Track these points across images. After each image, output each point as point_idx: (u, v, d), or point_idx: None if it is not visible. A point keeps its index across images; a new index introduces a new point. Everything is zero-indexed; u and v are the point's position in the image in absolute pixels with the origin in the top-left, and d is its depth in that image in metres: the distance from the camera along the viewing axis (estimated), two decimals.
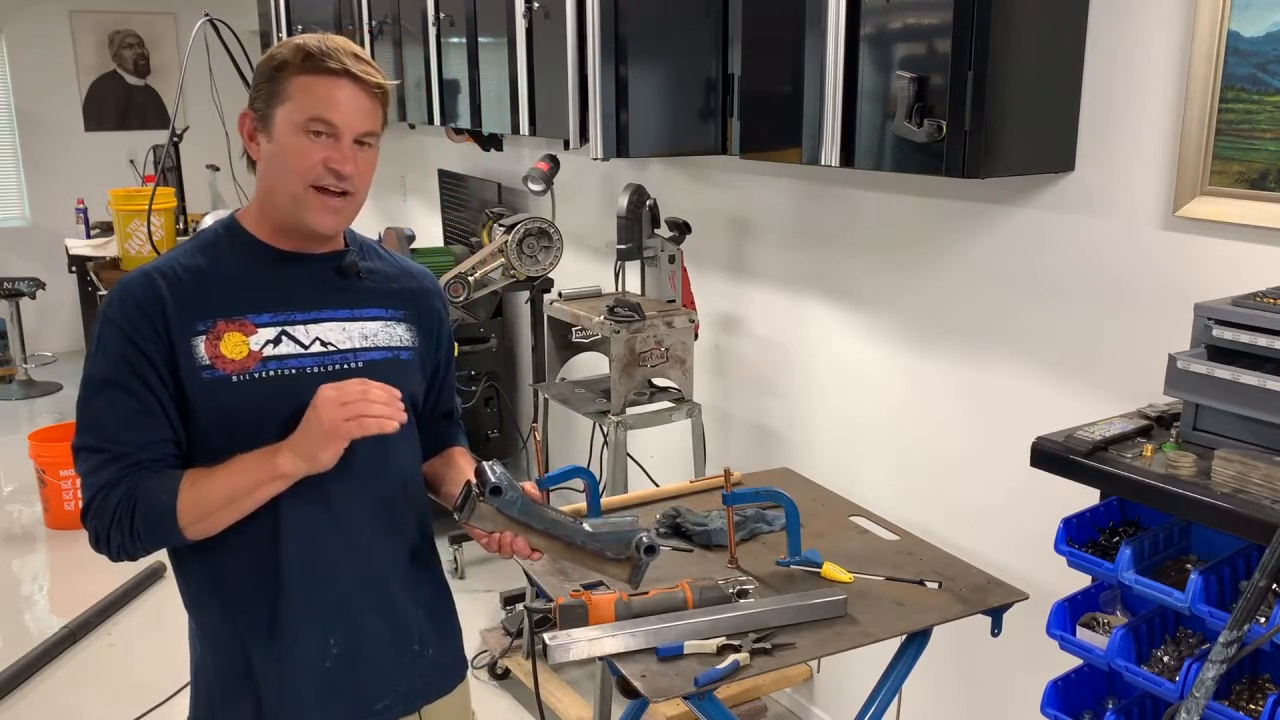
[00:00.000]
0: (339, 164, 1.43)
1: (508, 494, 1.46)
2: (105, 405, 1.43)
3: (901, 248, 2.53)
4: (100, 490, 1.42)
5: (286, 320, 1.48)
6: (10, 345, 6.63)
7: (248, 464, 1.42)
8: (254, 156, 1.49)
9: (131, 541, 1.42)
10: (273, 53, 1.46)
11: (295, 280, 1.51)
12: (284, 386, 1.46)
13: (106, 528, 1.42)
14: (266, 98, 1.44)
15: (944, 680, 2.50)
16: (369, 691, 1.57)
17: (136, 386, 1.42)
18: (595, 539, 1.53)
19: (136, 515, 1.41)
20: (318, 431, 1.39)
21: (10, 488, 5.01)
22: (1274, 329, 1.43)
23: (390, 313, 1.57)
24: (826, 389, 2.85)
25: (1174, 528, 1.59)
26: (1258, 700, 1.44)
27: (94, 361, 1.44)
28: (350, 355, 1.51)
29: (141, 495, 1.41)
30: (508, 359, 4.56)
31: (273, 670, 1.50)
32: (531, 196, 3.73)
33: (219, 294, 1.46)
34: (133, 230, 4.96)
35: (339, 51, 1.43)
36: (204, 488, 1.42)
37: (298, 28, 4.88)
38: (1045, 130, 2.04)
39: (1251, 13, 1.73)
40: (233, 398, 1.43)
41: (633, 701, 2.23)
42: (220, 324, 1.44)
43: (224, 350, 1.43)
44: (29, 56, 7.07)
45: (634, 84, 2.61)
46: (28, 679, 3.33)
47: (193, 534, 1.43)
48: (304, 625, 1.50)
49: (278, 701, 1.51)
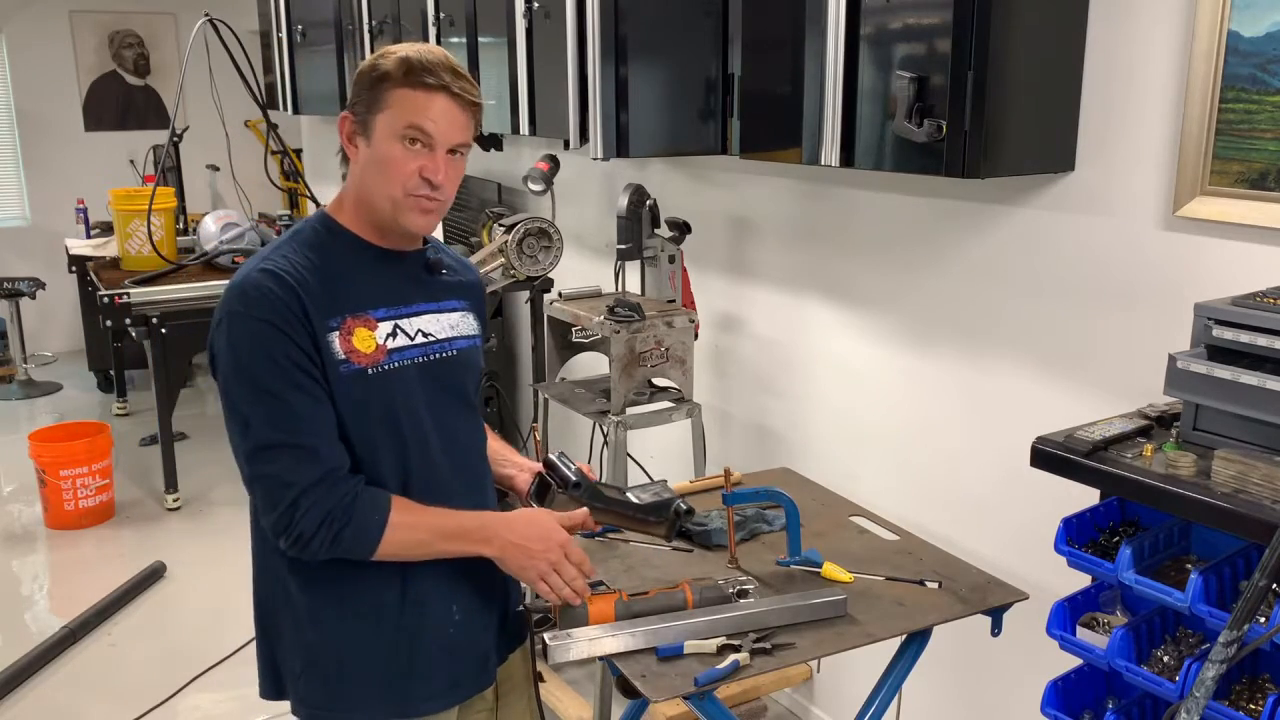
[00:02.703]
0: (432, 173, 1.53)
1: (585, 489, 1.71)
2: (281, 402, 1.49)
3: (901, 248, 2.53)
4: (306, 490, 1.48)
5: (397, 314, 1.60)
6: (10, 345, 6.63)
7: (464, 535, 1.57)
8: (351, 158, 1.58)
9: (333, 546, 1.50)
10: (376, 62, 1.54)
11: (397, 276, 1.63)
12: (406, 377, 1.58)
13: (315, 528, 1.49)
14: (367, 105, 1.54)
15: (944, 680, 2.50)
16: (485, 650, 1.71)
17: (306, 382, 1.50)
18: (644, 509, 1.78)
19: (349, 527, 1.50)
20: (528, 565, 1.58)
21: (10, 488, 5.01)
22: (1274, 329, 1.43)
23: (462, 304, 1.71)
24: (826, 389, 2.85)
25: (1174, 528, 1.59)
26: (1258, 700, 1.44)
27: (255, 359, 1.48)
28: (446, 344, 1.65)
29: (358, 509, 1.50)
30: (508, 359, 4.56)
31: (403, 641, 1.61)
32: (531, 196, 3.73)
33: (342, 291, 1.55)
34: (133, 230, 4.96)
35: (438, 66, 1.52)
36: (419, 534, 1.55)
37: (298, 28, 4.88)
38: (1045, 130, 2.04)
39: (1251, 13, 1.73)
40: (368, 389, 1.54)
41: (633, 701, 2.24)
42: (349, 320, 1.54)
43: (356, 344, 1.54)
44: (29, 56, 7.07)
45: (634, 84, 2.61)
46: (28, 679, 3.33)
47: (382, 557, 1.54)
48: (432, 595, 1.62)
49: (408, 670, 1.62)
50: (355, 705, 1.62)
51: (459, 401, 1.67)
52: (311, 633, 1.61)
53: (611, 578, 1.91)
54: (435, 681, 1.65)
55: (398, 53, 1.54)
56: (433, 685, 1.65)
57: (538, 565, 1.59)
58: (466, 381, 1.69)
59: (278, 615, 1.65)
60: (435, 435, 1.61)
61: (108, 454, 4.56)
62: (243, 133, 6.60)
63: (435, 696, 1.65)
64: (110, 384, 6.25)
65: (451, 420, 1.65)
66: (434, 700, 1.65)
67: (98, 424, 4.75)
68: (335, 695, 1.62)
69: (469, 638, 1.68)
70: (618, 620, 1.71)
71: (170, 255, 4.97)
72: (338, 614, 1.60)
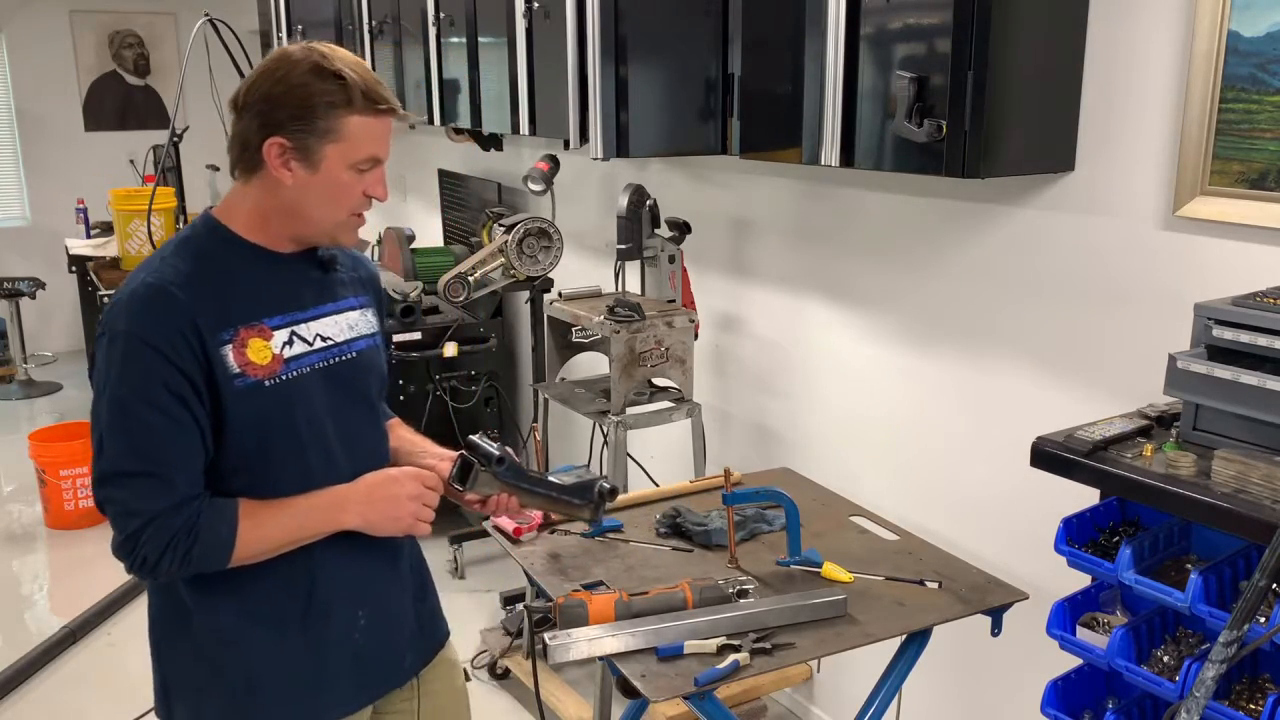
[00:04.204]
0: (378, 192, 1.53)
1: (508, 463, 1.66)
2: (144, 428, 1.43)
3: (901, 248, 2.53)
4: (154, 519, 1.43)
5: (293, 320, 1.54)
6: (10, 345, 6.63)
7: (312, 514, 1.53)
8: (283, 181, 1.47)
9: (182, 567, 1.46)
10: (310, 82, 1.44)
11: (292, 280, 1.57)
12: (305, 385, 1.53)
13: (159, 554, 1.44)
14: (310, 130, 1.44)
15: (944, 680, 2.50)
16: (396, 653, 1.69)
17: (175, 408, 1.43)
18: (567, 490, 1.75)
19: (195, 547, 1.45)
20: (390, 513, 1.56)
21: (10, 488, 5.01)
22: (1274, 329, 1.43)
23: (359, 300, 1.67)
24: (826, 389, 2.85)
25: (1174, 528, 1.59)
26: (1258, 700, 1.44)
27: (124, 381, 1.43)
28: (345, 347, 1.61)
29: (203, 527, 1.45)
30: (508, 359, 4.56)
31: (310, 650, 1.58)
32: (531, 196, 3.73)
33: (233, 300, 1.48)
34: (133, 230, 4.97)
35: (379, 85, 1.48)
36: (266, 528, 1.50)
37: (298, 28, 4.87)
38: (1045, 130, 2.04)
39: (1251, 13, 1.73)
40: (265, 402, 1.48)
41: (633, 701, 2.24)
42: (243, 331, 1.48)
43: (251, 357, 1.47)
44: (29, 56, 7.07)
45: (634, 84, 2.61)
46: (28, 679, 3.33)
47: (240, 562, 1.50)
48: (337, 602, 1.59)
49: (315, 680, 1.59)
50: (262, 718, 1.58)
51: (360, 404, 1.63)
52: (213, 648, 1.55)
53: (611, 578, 1.91)
54: (343, 688, 1.62)
55: (332, 69, 1.44)
56: (341, 692, 1.62)
57: (402, 508, 1.57)
58: (368, 383, 1.65)
59: (173, 632, 1.59)
60: (336, 441, 1.57)
61: None
62: None
63: (343, 701, 1.63)
64: None
65: (354, 424, 1.61)
66: (341, 704, 1.63)
67: None
68: (242, 711, 1.57)
69: (377, 642, 1.65)
70: (618, 620, 1.71)
71: None
72: (240, 627, 1.55)
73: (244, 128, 1.48)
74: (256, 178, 1.50)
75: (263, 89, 1.46)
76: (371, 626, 1.63)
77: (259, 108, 1.46)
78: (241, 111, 1.49)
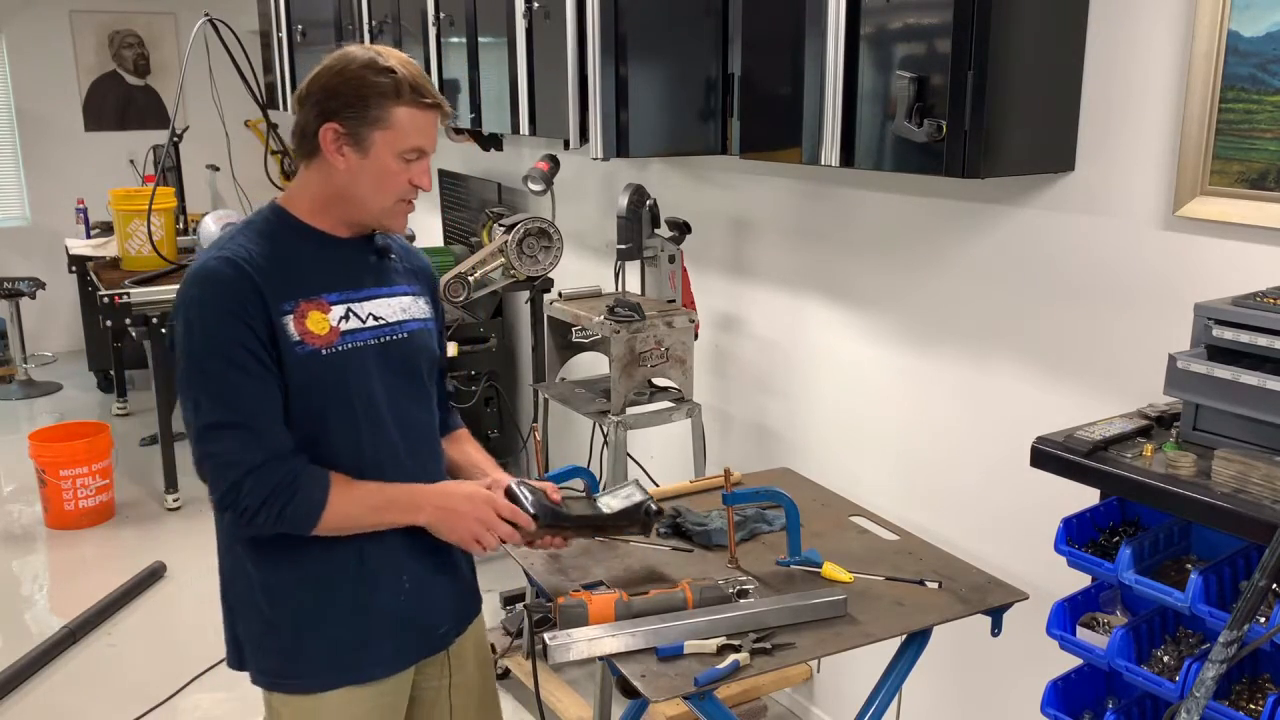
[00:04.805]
0: (424, 182, 1.64)
1: (544, 518, 1.73)
2: (227, 384, 1.55)
3: (902, 248, 2.53)
4: (254, 470, 1.55)
5: (348, 298, 1.67)
6: (10, 345, 6.62)
7: (392, 506, 1.65)
8: (336, 165, 1.60)
9: (277, 522, 1.57)
10: (365, 75, 1.57)
11: (347, 262, 1.69)
12: (359, 358, 1.65)
13: (258, 505, 1.55)
14: (362, 118, 1.58)
15: (944, 680, 2.50)
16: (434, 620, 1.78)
17: (253, 364, 1.55)
18: (614, 518, 1.82)
19: (291, 504, 1.56)
20: (454, 526, 1.68)
21: (10, 488, 5.01)
22: (1274, 329, 1.43)
23: (412, 288, 1.77)
24: (826, 389, 2.85)
25: (1174, 528, 1.59)
26: (1258, 700, 1.44)
27: (204, 343, 1.55)
28: (397, 327, 1.72)
29: (300, 487, 1.57)
30: (508, 359, 4.56)
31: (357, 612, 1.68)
32: (531, 196, 3.73)
33: (295, 276, 1.61)
34: (133, 230, 4.96)
35: (426, 82, 1.61)
36: (353, 505, 1.62)
37: (298, 28, 4.87)
38: (1045, 130, 2.04)
39: (1251, 13, 1.73)
40: (322, 370, 1.61)
41: (633, 701, 2.24)
42: (303, 303, 1.60)
43: (310, 327, 1.60)
44: (29, 56, 7.07)
45: (634, 84, 2.61)
46: (28, 679, 3.33)
47: (322, 532, 1.61)
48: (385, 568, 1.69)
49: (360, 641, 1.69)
50: (310, 673, 1.69)
51: (411, 383, 1.74)
52: (268, 607, 1.68)
53: (611, 578, 1.91)
54: (385, 649, 1.72)
55: (386, 65, 1.58)
56: (382, 653, 1.72)
57: (468, 525, 1.67)
58: (418, 363, 1.75)
59: (238, 590, 1.72)
60: (388, 415, 1.68)
61: (108, 454, 4.56)
62: (243, 133, 6.59)
63: (384, 662, 1.73)
64: (110, 384, 6.25)
65: (404, 401, 1.72)
66: (383, 665, 1.72)
67: (98, 424, 4.75)
68: (291, 665, 1.69)
69: (419, 607, 1.74)
70: (618, 620, 1.72)
71: (170, 255, 4.97)
72: (293, 588, 1.67)
73: (304, 116, 1.62)
74: (314, 164, 1.63)
75: (323, 80, 1.60)
76: (415, 591, 1.73)
77: (318, 97, 1.60)
78: (303, 101, 1.62)
